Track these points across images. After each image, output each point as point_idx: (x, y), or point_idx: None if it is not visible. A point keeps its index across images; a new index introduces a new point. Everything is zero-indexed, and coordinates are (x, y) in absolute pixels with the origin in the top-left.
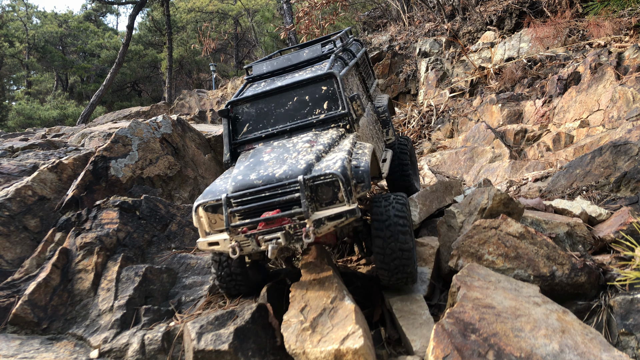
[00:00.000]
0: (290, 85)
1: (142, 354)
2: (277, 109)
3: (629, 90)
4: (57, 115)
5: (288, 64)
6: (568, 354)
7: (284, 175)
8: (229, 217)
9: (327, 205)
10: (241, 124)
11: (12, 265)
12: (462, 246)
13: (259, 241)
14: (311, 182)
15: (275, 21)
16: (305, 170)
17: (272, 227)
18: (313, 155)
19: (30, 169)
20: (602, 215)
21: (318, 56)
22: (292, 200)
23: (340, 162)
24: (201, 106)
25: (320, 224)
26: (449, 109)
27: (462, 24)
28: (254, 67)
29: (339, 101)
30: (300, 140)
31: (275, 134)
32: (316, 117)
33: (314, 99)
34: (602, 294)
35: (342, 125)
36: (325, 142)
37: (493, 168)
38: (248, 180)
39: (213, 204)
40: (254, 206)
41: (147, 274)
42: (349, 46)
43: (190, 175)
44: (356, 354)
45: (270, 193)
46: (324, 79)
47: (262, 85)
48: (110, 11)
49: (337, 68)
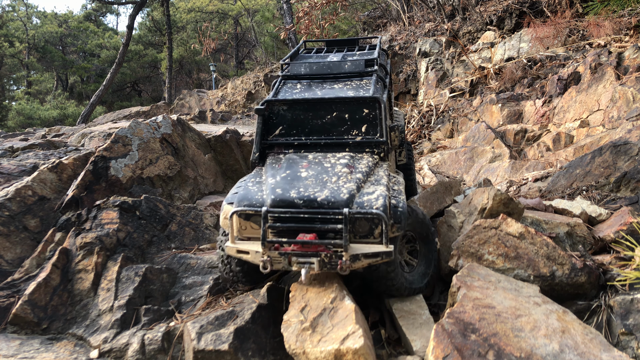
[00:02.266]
0: (332, 100)
1: (142, 354)
2: (313, 119)
3: (629, 90)
4: (57, 115)
5: (327, 72)
6: (568, 354)
7: (325, 201)
8: (266, 231)
9: (361, 238)
10: (274, 124)
11: (12, 265)
12: (462, 246)
13: (292, 262)
14: (353, 215)
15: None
16: (348, 202)
17: (308, 250)
18: (354, 184)
19: (30, 169)
20: (602, 215)
21: (359, 71)
22: (333, 229)
23: (382, 200)
24: (201, 106)
25: (356, 259)
26: (449, 109)
27: (462, 24)
28: (291, 66)
29: (379, 128)
30: (338, 162)
31: (309, 145)
32: (352, 139)
33: (353, 119)
34: (602, 294)
35: (376, 152)
36: (363, 170)
37: (493, 168)
38: (288, 197)
39: (249, 213)
40: (292, 226)
41: (147, 274)
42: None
43: (190, 175)
44: (356, 354)
45: (309, 216)
46: (368, 102)
47: (298, 87)
48: (110, 11)
49: (379, 91)
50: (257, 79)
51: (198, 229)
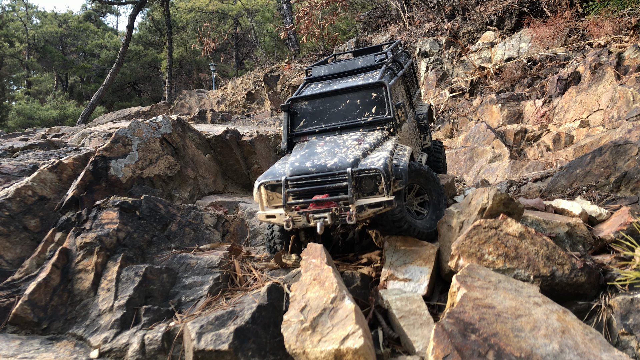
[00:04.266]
0: (344, 89)
1: (142, 354)
2: (331, 109)
3: (629, 90)
4: (57, 115)
5: (343, 70)
6: (568, 354)
7: (334, 166)
8: (286, 195)
9: (368, 195)
10: (298, 118)
11: (12, 265)
12: (462, 246)
13: (309, 218)
14: (357, 174)
15: (275, 21)
16: (353, 164)
17: (321, 207)
18: (360, 151)
19: (30, 169)
20: (602, 215)
21: (371, 65)
22: (339, 187)
23: (383, 160)
24: (201, 106)
25: (362, 210)
26: (449, 109)
27: (462, 24)
28: (313, 69)
29: (386, 107)
30: (350, 137)
31: (328, 130)
32: (364, 119)
33: (364, 103)
34: (602, 294)
35: (386, 128)
36: (371, 142)
37: (493, 168)
38: (304, 167)
39: (273, 183)
40: (307, 189)
41: (147, 274)
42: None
43: (190, 175)
44: (356, 354)
45: (321, 179)
46: (375, 86)
47: (319, 86)
48: (110, 11)
49: (386, 78)
50: (257, 79)
51: (198, 229)
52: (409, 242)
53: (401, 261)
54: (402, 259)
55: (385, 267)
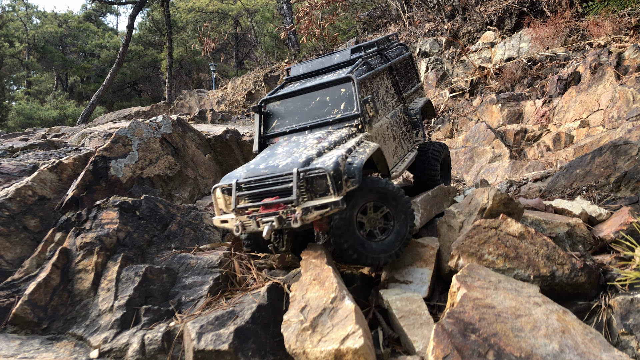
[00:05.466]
0: (313, 87)
1: (142, 354)
2: (301, 108)
3: (629, 90)
4: (57, 115)
5: (320, 67)
6: (568, 354)
7: (285, 167)
8: (237, 199)
9: (320, 196)
10: (271, 119)
11: (12, 265)
12: (462, 246)
13: (258, 222)
14: (305, 174)
15: (275, 21)
16: (303, 164)
17: (270, 211)
18: (315, 150)
19: (30, 169)
20: (602, 215)
21: (347, 61)
22: (288, 189)
23: (335, 159)
24: (201, 106)
25: (307, 212)
26: (449, 109)
27: (462, 24)
28: (292, 68)
29: (354, 103)
30: (313, 136)
31: (297, 129)
32: (333, 117)
33: (333, 99)
34: (602, 294)
35: (354, 125)
36: (332, 140)
37: (493, 168)
38: (257, 169)
39: (227, 187)
40: (257, 192)
41: (147, 274)
42: (387, 51)
43: (190, 175)
44: (356, 354)
45: (272, 181)
46: (342, 81)
47: (296, 85)
48: (110, 11)
49: (357, 72)
50: (257, 79)
51: (198, 229)
52: (409, 243)
53: (401, 262)
54: (402, 260)
55: (385, 268)
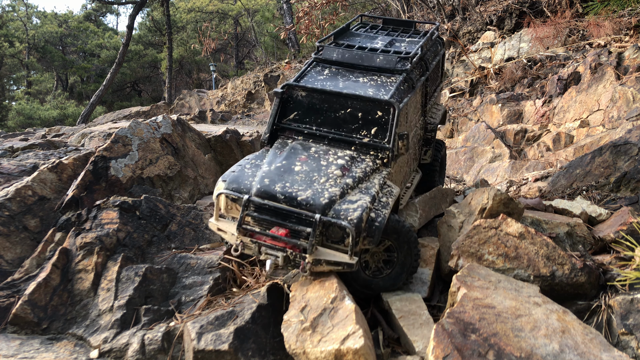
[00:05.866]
0: (348, 95)
1: (142, 354)
2: (328, 111)
3: (629, 90)
4: (57, 115)
5: (358, 62)
6: (568, 354)
7: (304, 202)
8: (243, 218)
9: (332, 242)
10: (290, 109)
11: (12, 265)
12: (462, 246)
13: (261, 251)
14: (326, 222)
15: (275, 21)
16: (325, 207)
17: (277, 244)
18: (339, 188)
19: (30, 169)
20: (602, 215)
21: (389, 68)
22: (302, 231)
23: (359, 212)
24: (201, 106)
25: (318, 263)
26: (449, 109)
27: (462, 24)
28: (325, 50)
29: (387, 133)
30: (336, 161)
31: (317, 135)
32: (359, 139)
33: (365, 118)
34: (602, 294)
35: (380, 157)
36: (357, 175)
37: (493, 168)
38: (272, 189)
39: (233, 197)
40: (267, 219)
41: (147, 274)
42: (426, 54)
43: (190, 175)
44: (356, 354)
45: (286, 212)
46: (381, 104)
47: (325, 73)
48: (110, 11)
49: (398, 96)
50: (257, 79)
51: (198, 229)
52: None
53: None
54: None
55: None
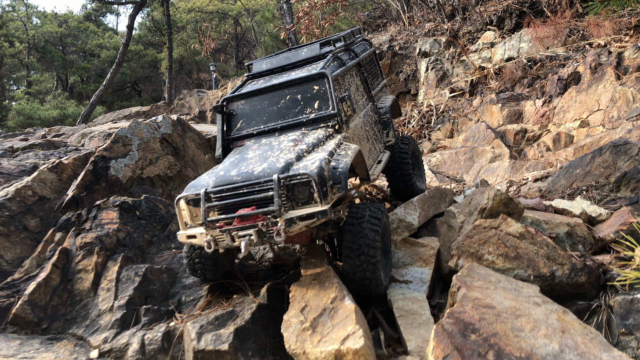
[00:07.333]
0: (283, 84)
1: (142, 354)
2: (270, 107)
3: (629, 90)
4: (57, 115)
5: (286, 63)
6: (568, 354)
7: (262, 173)
8: (207, 211)
9: (303, 205)
10: (235, 120)
11: (12, 265)
12: (462, 246)
13: (234, 237)
14: (287, 181)
15: (275, 21)
16: (283, 169)
17: (247, 223)
18: (294, 154)
19: (30, 169)
20: (602, 215)
21: (316, 55)
22: (267, 198)
23: (318, 163)
24: (201, 106)
25: (291, 223)
26: (449, 109)
27: (462, 24)
28: (254, 64)
29: (330, 101)
30: (287, 138)
31: (267, 131)
32: (306, 117)
33: (305, 98)
34: (602, 294)
35: (331, 125)
36: (310, 142)
37: (493, 168)
38: (228, 176)
39: (193, 197)
40: (231, 202)
41: (147, 274)
42: (353, 46)
43: (190, 175)
44: (356, 354)
45: (247, 190)
46: (316, 78)
47: (260, 82)
48: (110, 11)
49: (330, 68)
50: None
51: None
52: (409, 243)
53: (401, 262)
54: (402, 260)
55: None
